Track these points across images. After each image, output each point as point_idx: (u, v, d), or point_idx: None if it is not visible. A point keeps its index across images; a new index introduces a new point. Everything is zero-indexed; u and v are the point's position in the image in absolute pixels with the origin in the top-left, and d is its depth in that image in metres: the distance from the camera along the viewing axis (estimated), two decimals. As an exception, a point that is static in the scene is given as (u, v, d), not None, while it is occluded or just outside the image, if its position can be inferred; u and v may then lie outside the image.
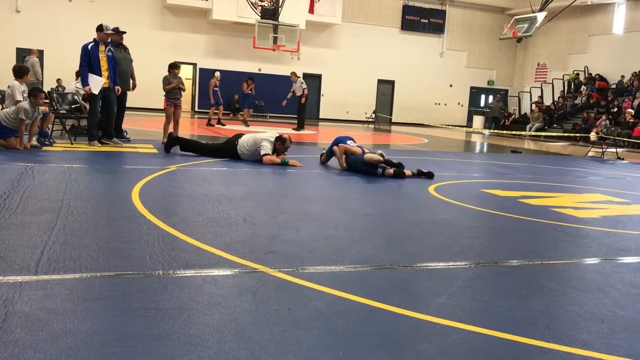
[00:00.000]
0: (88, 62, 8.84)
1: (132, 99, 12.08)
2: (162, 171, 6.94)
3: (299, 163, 8.34)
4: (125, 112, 10.69)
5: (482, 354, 2.41)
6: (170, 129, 10.42)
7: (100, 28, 9.04)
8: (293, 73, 18.13)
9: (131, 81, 10.35)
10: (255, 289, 2.99)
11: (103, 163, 7.65)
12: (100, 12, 22.07)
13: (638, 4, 24.43)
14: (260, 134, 8.80)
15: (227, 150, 8.66)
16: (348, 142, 8.49)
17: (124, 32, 10.11)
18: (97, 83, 8.89)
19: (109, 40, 9.23)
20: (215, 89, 17.75)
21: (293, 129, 17.63)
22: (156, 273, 3.14)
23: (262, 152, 8.32)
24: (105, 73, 9.05)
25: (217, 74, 18.05)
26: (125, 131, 10.73)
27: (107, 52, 9.10)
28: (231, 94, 24.36)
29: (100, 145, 9.15)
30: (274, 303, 2.81)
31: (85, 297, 2.73)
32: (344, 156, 8.31)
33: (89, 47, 8.89)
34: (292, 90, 17.83)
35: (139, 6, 24.05)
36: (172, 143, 8.93)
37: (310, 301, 2.87)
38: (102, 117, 9.29)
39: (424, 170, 7.92)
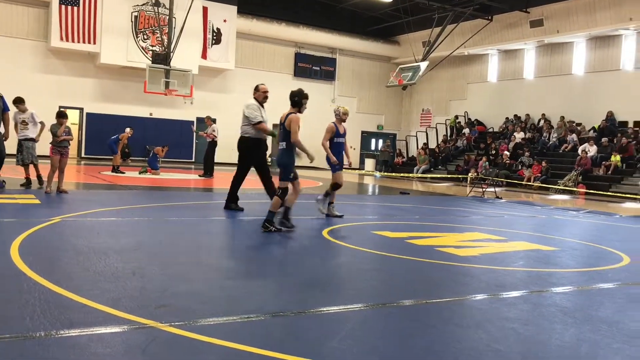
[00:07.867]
0: None
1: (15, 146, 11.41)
2: (44, 223, 6.58)
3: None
4: (5, 160, 10.10)
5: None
6: (55, 177, 9.95)
7: None
8: (207, 117, 17.61)
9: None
10: (144, 345, 2.92)
11: (-22, 216, 7.13)
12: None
13: (507, 55, 26.85)
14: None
15: None
16: None
17: None
18: None
19: None
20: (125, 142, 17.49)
21: (200, 175, 17.22)
22: (37, 334, 2.98)
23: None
24: None
25: (129, 129, 17.60)
26: (3, 181, 10.09)
27: None
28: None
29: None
30: (165, 359, 2.76)
31: (-45, 367, 2.54)
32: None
33: None
34: (205, 132, 17.10)
35: (22, 49, 22.93)
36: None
37: (202, 355, 2.85)
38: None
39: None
